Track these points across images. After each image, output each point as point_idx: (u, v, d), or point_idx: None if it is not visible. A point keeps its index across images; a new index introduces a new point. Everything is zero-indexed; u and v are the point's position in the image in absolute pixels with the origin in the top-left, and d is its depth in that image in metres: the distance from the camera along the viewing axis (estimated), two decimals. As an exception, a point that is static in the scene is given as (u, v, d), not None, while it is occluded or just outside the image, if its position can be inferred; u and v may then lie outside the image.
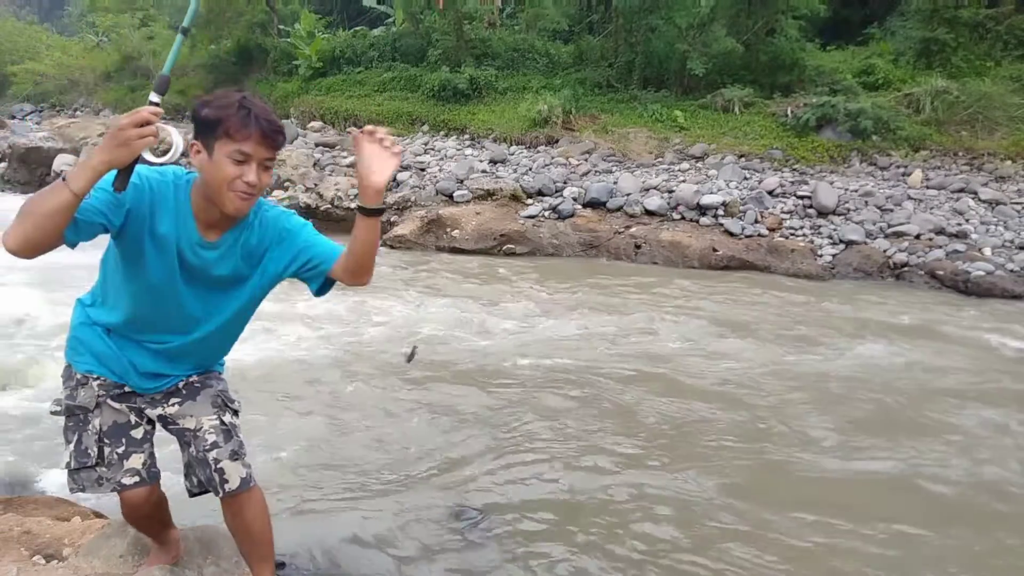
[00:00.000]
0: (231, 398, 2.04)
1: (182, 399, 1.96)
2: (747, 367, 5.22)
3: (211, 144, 1.67)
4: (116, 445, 1.89)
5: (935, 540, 3.10)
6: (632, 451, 3.85)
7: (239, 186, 1.68)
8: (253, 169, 1.68)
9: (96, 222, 1.65)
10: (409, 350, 2.08)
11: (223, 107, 1.66)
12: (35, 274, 6.90)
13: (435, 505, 3.25)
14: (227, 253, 1.84)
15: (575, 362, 5.26)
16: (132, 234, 1.73)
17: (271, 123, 1.68)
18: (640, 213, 9.71)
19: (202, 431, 1.91)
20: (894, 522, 3.20)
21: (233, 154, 1.65)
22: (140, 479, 1.90)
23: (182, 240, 1.78)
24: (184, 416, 1.94)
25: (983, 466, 3.77)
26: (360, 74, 16.23)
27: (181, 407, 1.95)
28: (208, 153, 1.67)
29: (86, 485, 1.91)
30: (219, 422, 1.93)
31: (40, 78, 21.10)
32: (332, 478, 3.48)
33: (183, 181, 1.78)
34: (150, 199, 1.73)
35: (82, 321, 1.93)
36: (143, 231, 1.74)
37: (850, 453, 3.91)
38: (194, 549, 2.25)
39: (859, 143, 10.91)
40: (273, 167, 1.77)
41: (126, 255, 1.78)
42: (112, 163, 1.50)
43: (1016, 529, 3.21)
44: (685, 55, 12.72)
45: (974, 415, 4.43)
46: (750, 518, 3.21)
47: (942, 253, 8.34)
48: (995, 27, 12.56)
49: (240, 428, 2.00)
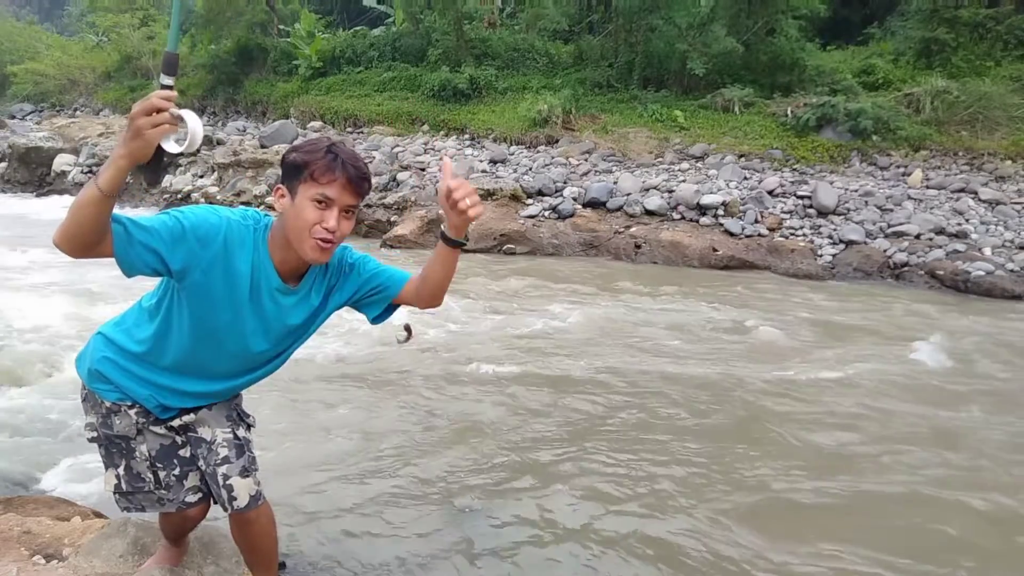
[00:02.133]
0: (246, 412, 2.03)
1: (199, 409, 1.95)
2: (748, 367, 5.22)
3: (295, 188, 1.64)
4: (171, 468, 1.89)
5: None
6: (635, 451, 3.85)
7: (319, 232, 1.64)
8: (335, 214, 1.64)
9: (151, 247, 1.57)
10: (404, 334, 2.06)
11: (311, 151, 1.64)
12: (45, 278, 6.92)
13: (436, 505, 3.25)
14: (304, 299, 1.82)
15: (576, 362, 5.26)
16: (201, 276, 1.67)
17: (358, 169, 1.65)
18: (640, 213, 9.72)
19: (215, 444, 1.90)
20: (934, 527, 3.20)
21: (316, 197, 1.63)
22: (202, 495, 1.93)
23: (261, 283, 1.74)
24: (200, 425, 1.92)
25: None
26: (360, 74, 16.24)
27: (197, 415, 1.93)
28: (292, 197, 1.65)
29: (145, 506, 1.93)
30: (232, 435, 1.92)
31: (40, 78, 21.11)
32: (331, 478, 3.48)
33: (262, 225, 1.73)
34: (226, 237, 1.68)
35: (104, 355, 1.85)
36: (215, 272, 1.68)
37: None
38: (194, 549, 2.25)
39: (859, 143, 10.91)
40: (355, 216, 1.72)
41: (193, 300, 1.71)
42: (132, 156, 1.40)
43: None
44: (685, 55, 12.73)
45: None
46: (753, 518, 3.21)
47: (942, 253, 8.34)
48: (995, 27, 12.57)
49: (253, 444, 1.99)
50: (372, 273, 1.88)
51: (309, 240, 1.65)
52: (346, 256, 1.88)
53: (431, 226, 9.75)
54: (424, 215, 9.92)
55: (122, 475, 1.89)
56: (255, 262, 1.71)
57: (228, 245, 1.68)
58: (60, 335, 5.20)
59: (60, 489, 3.19)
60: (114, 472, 1.90)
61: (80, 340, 5.06)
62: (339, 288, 1.87)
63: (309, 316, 1.85)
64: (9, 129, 16.84)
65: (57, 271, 7.28)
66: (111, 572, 2.14)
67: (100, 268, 7.44)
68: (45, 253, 8.02)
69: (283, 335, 1.84)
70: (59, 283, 6.79)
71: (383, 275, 1.88)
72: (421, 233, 9.70)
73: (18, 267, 7.46)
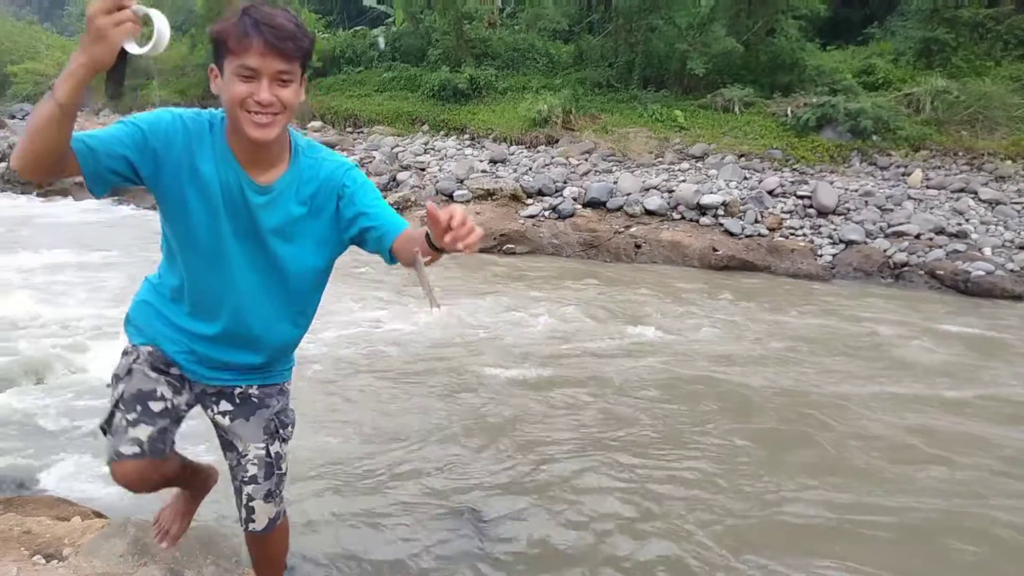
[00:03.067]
0: (286, 420, 1.89)
1: (235, 414, 1.83)
2: (750, 368, 5.22)
3: (222, 65, 1.49)
4: (128, 412, 1.71)
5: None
6: (639, 452, 3.84)
7: (250, 106, 1.47)
8: (264, 85, 1.46)
9: (116, 153, 1.47)
10: (430, 300, 1.76)
11: (225, 21, 1.47)
12: (47, 279, 6.92)
13: (438, 505, 3.25)
14: (279, 199, 1.63)
15: (576, 362, 5.26)
16: (170, 180, 1.56)
17: (277, 29, 1.44)
18: (640, 213, 9.72)
19: (246, 459, 1.82)
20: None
21: (238, 71, 1.46)
22: (140, 451, 1.70)
23: (229, 182, 1.58)
24: (234, 435, 1.83)
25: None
26: (360, 74, 16.25)
27: (232, 423, 1.82)
28: (223, 75, 1.50)
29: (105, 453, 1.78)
30: (265, 452, 1.83)
31: (40, 78, 21.05)
32: (331, 478, 3.48)
33: (218, 118, 1.59)
34: (185, 138, 1.55)
35: (142, 299, 1.79)
36: (182, 175, 1.56)
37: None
38: (194, 548, 2.25)
39: (859, 143, 10.91)
40: (297, 81, 1.52)
41: (169, 211, 1.61)
42: (93, 63, 1.27)
43: None
44: (685, 55, 12.73)
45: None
46: (758, 518, 3.21)
47: (942, 253, 8.33)
48: (995, 27, 12.57)
49: (286, 457, 1.90)
50: (366, 210, 1.65)
51: (243, 116, 1.49)
52: (341, 176, 1.67)
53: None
54: (424, 215, 9.92)
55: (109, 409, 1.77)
56: (217, 157, 1.58)
57: (189, 144, 1.56)
58: (61, 336, 5.20)
59: (60, 489, 3.19)
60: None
61: (86, 339, 5.08)
62: (331, 211, 1.68)
63: (287, 223, 1.65)
64: (9, 129, 16.85)
65: (61, 272, 7.28)
66: (111, 572, 2.14)
67: (110, 269, 7.47)
68: (46, 254, 8.03)
69: (265, 245, 1.66)
70: (60, 283, 6.79)
71: (380, 217, 1.64)
72: (421, 233, 9.70)
73: (18, 268, 7.46)
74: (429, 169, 11.57)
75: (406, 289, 7.16)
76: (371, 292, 6.86)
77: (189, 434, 2.13)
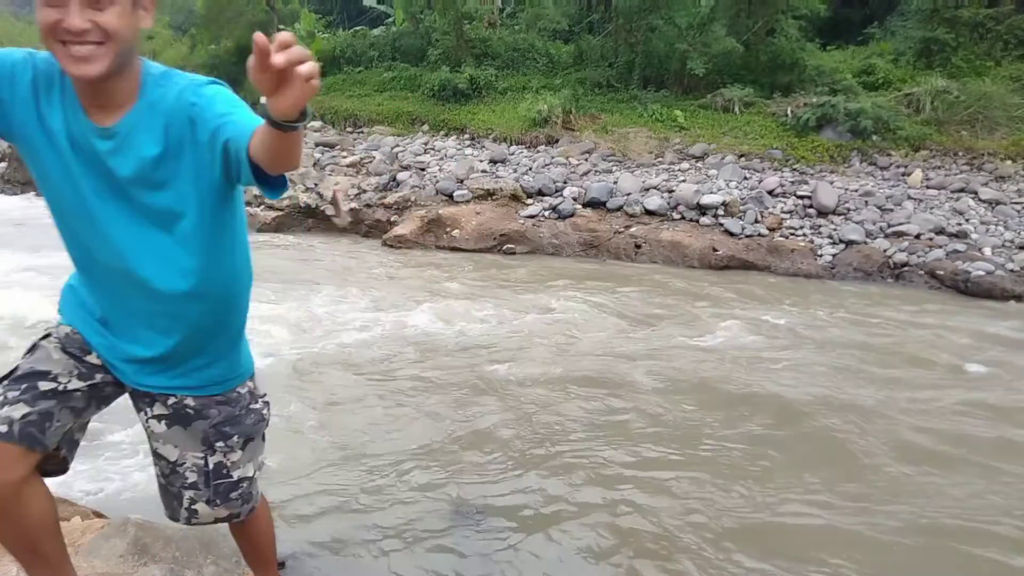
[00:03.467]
0: (229, 432, 1.68)
1: (171, 421, 1.67)
2: (750, 368, 5.22)
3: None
4: (11, 389, 1.49)
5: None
6: (639, 452, 3.85)
7: (62, 35, 1.26)
8: (73, 9, 1.25)
9: None
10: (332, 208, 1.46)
11: None
12: (53, 279, 6.92)
13: (436, 504, 3.25)
14: (126, 142, 1.39)
15: (578, 361, 5.26)
16: (20, 133, 1.38)
17: None
18: (640, 213, 9.71)
19: (183, 467, 1.68)
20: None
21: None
22: (6, 430, 1.43)
23: (74, 132, 1.38)
24: (168, 442, 1.68)
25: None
26: (360, 74, 16.24)
27: (169, 430, 1.67)
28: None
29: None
30: (204, 462, 1.68)
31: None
32: (330, 478, 3.48)
33: None
34: (34, 74, 1.36)
35: (70, 278, 1.68)
36: (30, 128, 1.37)
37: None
38: (194, 548, 2.25)
39: (859, 143, 10.91)
40: (123, 4, 1.29)
41: (32, 171, 1.45)
42: None
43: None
44: (685, 55, 12.72)
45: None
46: (758, 518, 3.21)
47: (942, 253, 8.33)
48: (995, 27, 12.56)
49: (235, 468, 1.71)
50: (219, 120, 1.38)
51: (57, 49, 1.27)
52: (189, 95, 1.41)
53: (431, 226, 9.76)
54: (424, 215, 9.92)
55: None
56: (65, 104, 1.37)
57: (37, 87, 1.36)
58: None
59: (60, 489, 3.18)
60: None
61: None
62: (191, 138, 1.41)
63: (144, 168, 1.41)
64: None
65: (63, 272, 7.27)
66: (111, 572, 2.14)
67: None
68: (49, 254, 8.02)
69: (135, 202, 1.43)
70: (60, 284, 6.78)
71: (236, 124, 1.36)
72: (421, 233, 9.71)
73: (17, 267, 7.46)
74: (429, 169, 11.57)
75: (406, 290, 7.16)
76: (366, 290, 6.87)
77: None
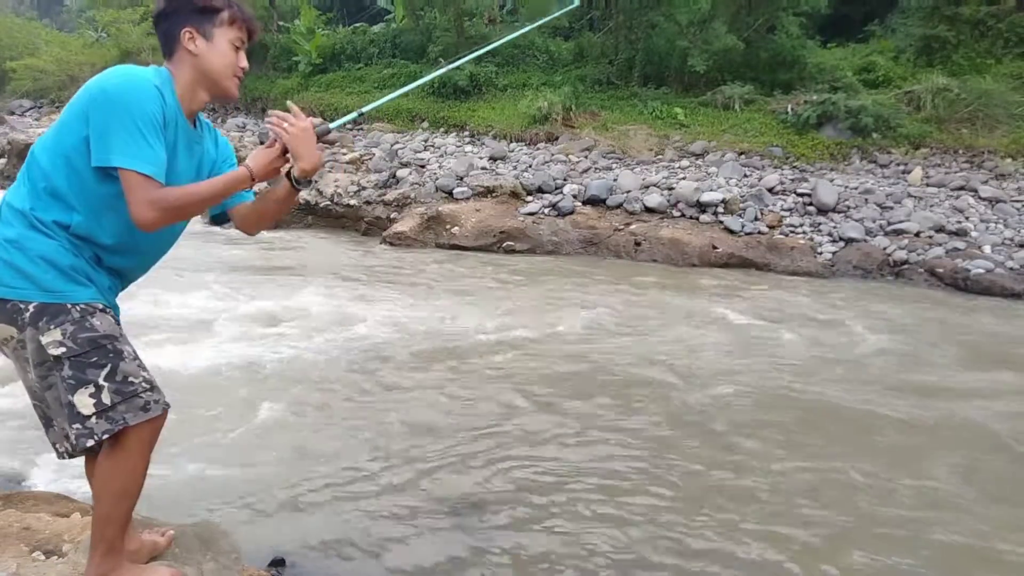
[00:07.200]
0: None
1: None
2: (749, 366, 5.22)
3: (209, 31, 1.77)
4: (143, 370, 1.76)
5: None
6: (638, 452, 3.85)
7: (238, 71, 1.83)
8: (243, 56, 1.85)
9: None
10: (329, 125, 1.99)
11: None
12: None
13: (434, 503, 3.25)
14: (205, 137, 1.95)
15: (575, 361, 5.26)
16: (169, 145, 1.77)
17: (249, 16, 1.86)
18: (640, 210, 9.71)
19: None
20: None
21: (235, 41, 1.81)
22: (168, 403, 1.80)
23: (183, 135, 1.82)
24: None
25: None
26: (360, 70, 16.22)
27: None
28: (207, 39, 1.77)
29: (127, 417, 1.68)
30: None
31: (39, 74, 21.05)
32: (329, 477, 3.48)
33: (165, 76, 1.78)
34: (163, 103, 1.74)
35: (62, 246, 1.68)
36: (177, 137, 1.79)
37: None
38: (193, 545, 2.25)
39: (859, 140, 10.90)
40: None
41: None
42: None
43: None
44: (686, 52, 12.70)
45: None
46: (759, 518, 3.22)
47: (942, 251, 8.33)
48: (996, 24, 12.54)
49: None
50: (229, 163, 1.99)
51: (232, 81, 1.83)
52: (227, 144, 2.04)
53: (431, 223, 9.75)
54: (424, 212, 9.92)
55: (108, 386, 1.67)
56: (178, 114, 1.79)
57: (165, 109, 1.74)
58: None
59: (60, 485, 3.19)
60: (92, 386, 1.67)
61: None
62: (214, 154, 1.98)
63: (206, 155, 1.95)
64: (8, 125, 16.82)
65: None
66: (111, 568, 2.14)
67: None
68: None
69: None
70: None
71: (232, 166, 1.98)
72: (421, 230, 9.70)
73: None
74: (429, 166, 11.56)
75: (406, 288, 7.15)
76: (367, 290, 6.86)
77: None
